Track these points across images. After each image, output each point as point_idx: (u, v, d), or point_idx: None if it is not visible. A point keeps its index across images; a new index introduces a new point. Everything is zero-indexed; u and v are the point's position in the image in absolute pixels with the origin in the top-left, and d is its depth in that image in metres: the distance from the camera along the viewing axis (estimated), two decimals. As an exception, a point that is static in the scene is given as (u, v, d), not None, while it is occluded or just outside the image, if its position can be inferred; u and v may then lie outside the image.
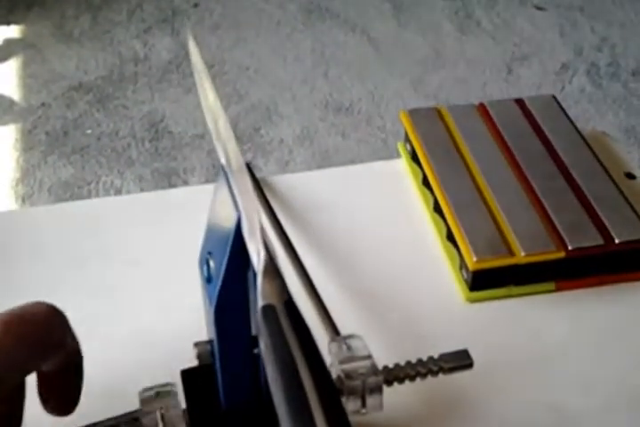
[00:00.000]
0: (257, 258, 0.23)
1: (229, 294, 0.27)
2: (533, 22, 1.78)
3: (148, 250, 0.48)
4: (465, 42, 1.73)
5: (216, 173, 1.47)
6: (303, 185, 0.53)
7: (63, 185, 1.42)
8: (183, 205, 0.51)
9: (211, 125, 0.28)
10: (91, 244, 0.48)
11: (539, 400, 0.39)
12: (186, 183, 1.44)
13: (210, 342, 0.31)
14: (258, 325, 0.21)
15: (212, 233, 0.29)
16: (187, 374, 0.34)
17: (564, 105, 0.56)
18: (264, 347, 0.21)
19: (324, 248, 0.48)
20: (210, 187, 0.55)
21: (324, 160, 1.46)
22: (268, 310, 0.21)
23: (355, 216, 0.50)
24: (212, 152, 1.50)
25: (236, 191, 0.26)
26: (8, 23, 1.79)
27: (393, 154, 1.70)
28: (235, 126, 1.54)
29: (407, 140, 0.54)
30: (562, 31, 1.76)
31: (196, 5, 1.83)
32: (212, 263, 0.28)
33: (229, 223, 0.26)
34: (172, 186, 1.44)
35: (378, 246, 0.48)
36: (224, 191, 0.27)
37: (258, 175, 0.52)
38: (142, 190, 1.42)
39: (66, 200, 1.39)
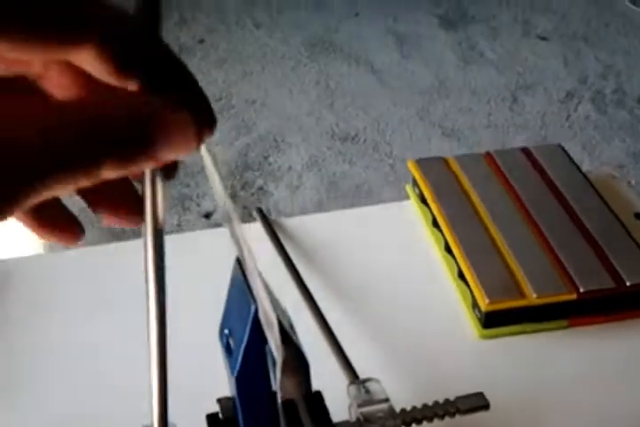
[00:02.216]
0: (276, 351, 0.23)
1: (250, 366, 0.28)
2: (536, 52, 1.80)
3: (173, 293, 0.48)
4: (469, 72, 1.75)
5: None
6: (315, 226, 0.53)
7: (81, 213, 1.44)
8: (199, 249, 0.52)
9: (226, 224, 0.28)
10: (116, 287, 0.49)
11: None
12: (199, 206, 1.45)
13: (232, 398, 0.31)
14: (280, 417, 0.21)
15: (230, 313, 0.30)
16: (211, 419, 0.34)
17: (569, 132, 0.57)
18: None
19: (337, 289, 0.48)
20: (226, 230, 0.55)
21: (332, 185, 1.48)
22: (289, 405, 0.22)
23: (367, 256, 0.51)
24: (223, 180, 1.51)
25: (251, 286, 0.26)
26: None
27: (400, 178, 1.69)
28: (244, 156, 1.56)
29: (416, 185, 0.55)
30: (565, 60, 1.78)
31: (201, 41, 1.87)
32: (231, 340, 0.29)
33: (247, 310, 0.27)
34: (185, 209, 1.46)
35: (391, 285, 0.49)
36: (240, 280, 0.28)
37: (269, 205, 0.53)
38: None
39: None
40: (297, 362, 0.23)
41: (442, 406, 0.34)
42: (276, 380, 0.22)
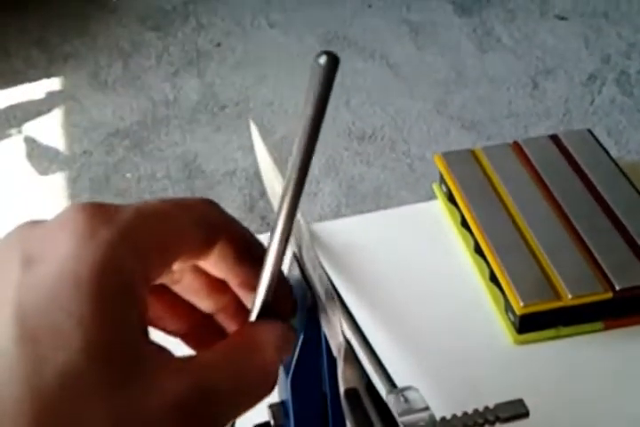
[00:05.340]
0: (336, 345, 0.24)
1: (304, 366, 0.29)
2: (556, 33, 1.72)
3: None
4: (486, 59, 1.69)
5: (247, 208, 1.52)
6: (341, 231, 0.53)
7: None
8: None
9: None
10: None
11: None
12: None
13: (282, 403, 0.33)
14: (343, 406, 0.23)
15: None
16: None
17: (594, 117, 0.54)
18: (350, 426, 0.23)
19: (367, 294, 0.48)
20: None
21: (350, 189, 1.48)
22: (352, 393, 0.23)
23: (395, 260, 0.50)
24: (242, 188, 1.54)
25: (310, 279, 0.27)
26: (48, 76, 1.90)
27: (419, 179, 1.67)
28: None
29: (443, 181, 0.53)
30: (586, 40, 1.69)
31: (218, 45, 1.88)
32: None
33: (303, 304, 0.27)
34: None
35: (420, 290, 0.48)
36: (297, 274, 0.29)
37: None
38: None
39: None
40: (355, 355, 0.24)
41: (481, 414, 0.34)
42: (339, 370, 0.23)
